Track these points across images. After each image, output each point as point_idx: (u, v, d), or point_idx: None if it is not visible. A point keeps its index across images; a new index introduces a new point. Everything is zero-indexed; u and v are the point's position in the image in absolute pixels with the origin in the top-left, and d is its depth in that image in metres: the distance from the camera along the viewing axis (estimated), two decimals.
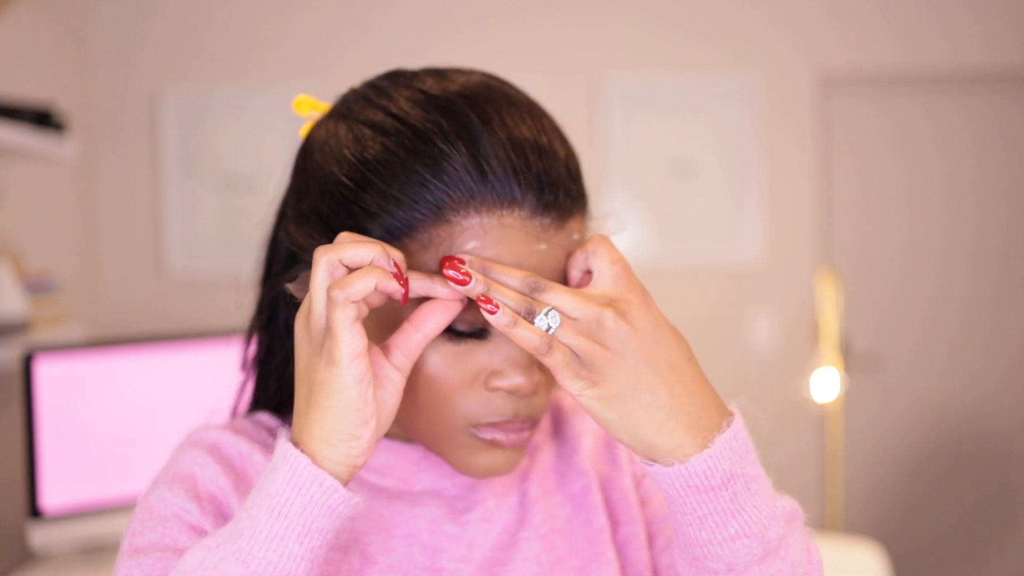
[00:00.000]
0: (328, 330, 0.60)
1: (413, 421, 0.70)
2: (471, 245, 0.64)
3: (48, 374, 1.88)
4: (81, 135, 2.80)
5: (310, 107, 0.76)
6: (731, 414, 0.63)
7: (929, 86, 3.25)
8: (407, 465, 0.75)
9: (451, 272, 0.62)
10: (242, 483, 0.72)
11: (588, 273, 0.66)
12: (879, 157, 3.28)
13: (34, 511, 1.86)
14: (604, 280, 0.64)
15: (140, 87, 3.06)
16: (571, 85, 3.11)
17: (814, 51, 3.18)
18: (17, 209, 2.43)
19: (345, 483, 0.60)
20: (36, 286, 2.27)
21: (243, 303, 0.80)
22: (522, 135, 0.66)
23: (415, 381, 0.68)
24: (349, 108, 0.71)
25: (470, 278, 0.62)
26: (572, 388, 0.62)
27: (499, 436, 0.69)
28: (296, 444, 0.60)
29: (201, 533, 0.68)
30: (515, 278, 0.63)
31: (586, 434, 0.83)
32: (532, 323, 0.62)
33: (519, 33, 3.12)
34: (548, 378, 0.71)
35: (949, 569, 3.29)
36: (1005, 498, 3.32)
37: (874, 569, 1.85)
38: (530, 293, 0.63)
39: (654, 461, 0.62)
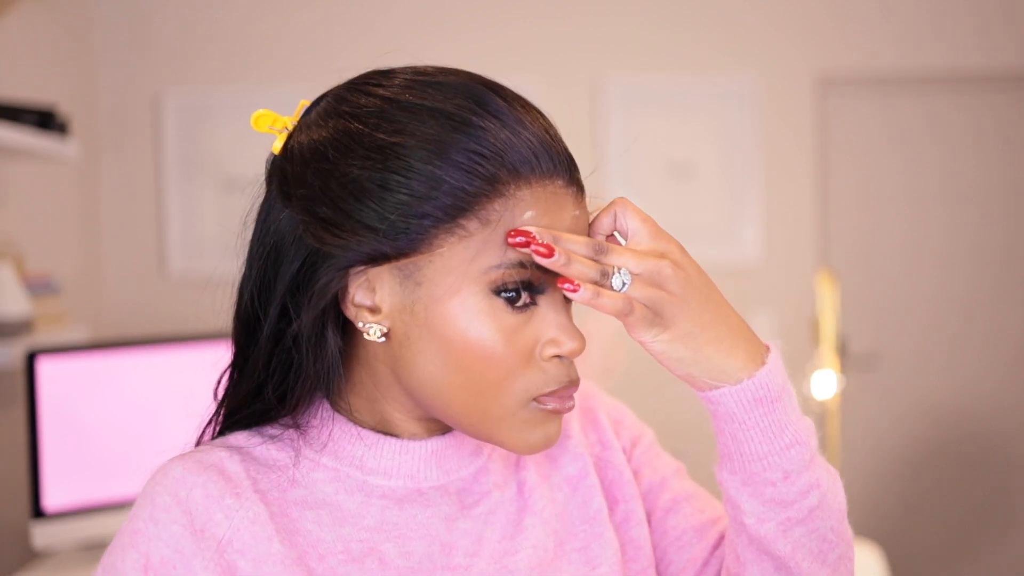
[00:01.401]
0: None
1: (467, 405, 0.70)
2: (528, 215, 0.67)
3: (50, 374, 1.89)
4: (83, 136, 2.81)
5: (270, 122, 0.74)
6: (764, 344, 0.72)
7: (927, 87, 3.26)
8: (415, 463, 0.75)
9: (535, 247, 0.65)
10: (204, 539, 0.69)
11: (610, 236, 0.72)
12: (877, 157, 3.29)
13: (37, 511, 1.87)
14: (642, 237, 0.70)
15: (142, 88, 3.07)
16: (571, 85, 3.12)
17: (813, 52, 3.19)
18: (19, 210, 2.43)
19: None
20: (38, 286, 2.28)
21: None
22: (535, 114, 0.71)
23: (474, 364, 0.68)
24: (353, 107, 0.70)
25: (554, 251, 0.65)
26: (646, 336, 0.68)
27: (558, 405, 0.71)
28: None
29: None
30: (581, 244, 0.67)
31: (572, 419, 0.85)
32: (609, 284, 0.67)
33: (519, 33, 3.13)
34: None
35: (947, 569, 3.30)
36: (1003, 498, 3.33)
37: (872, 569, 1.86)
38: (595, 256, 0.67)
39: (721, 384, 0.69)
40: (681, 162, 3.18)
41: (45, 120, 2.12)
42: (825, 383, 2.59)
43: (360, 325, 0.70)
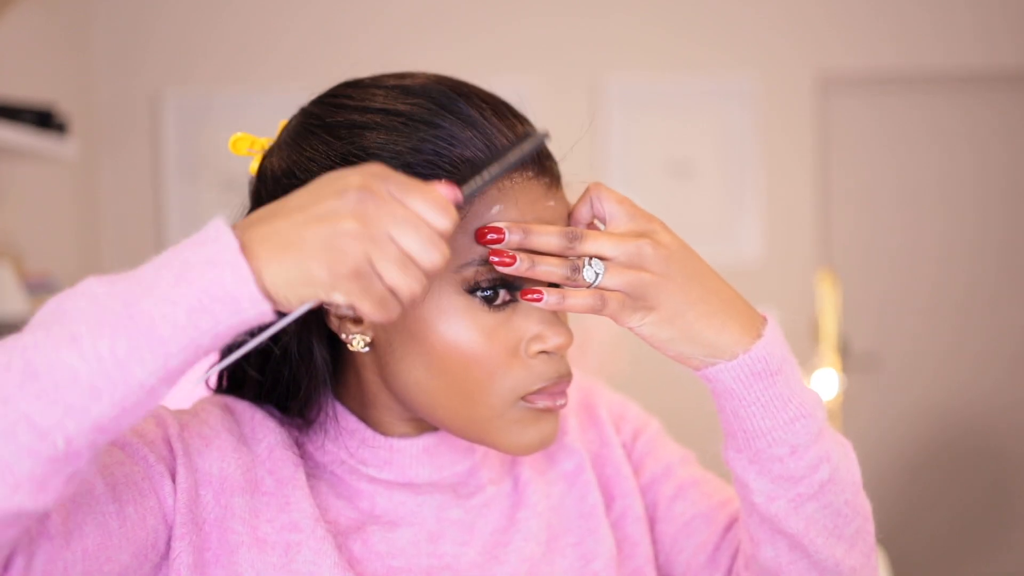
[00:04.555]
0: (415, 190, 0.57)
1: (454, 408, 0.70)
2: (495, 209, 0.67)
3: None
4: (82, 136, 2.80)
5: (248, 144, 0.75)
6: (761, 314, 0.71)
7: (926, 86, 3.26)
8: (405, 460, 0.75)
9: (495, 259, 0.65)
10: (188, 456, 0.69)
11: (591, 224, 0.71)
12: (877, 157, 3.28)
13: None
14: (620, 218, 0.68)
15: (141, 88, 3.07)
16: (571, 85, 3.12)
17: (813, 52, 3.19)
18: (18, 209, 2.43)
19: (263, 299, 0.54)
20: (37, 286, 2.28)
21: None
22: (503, 109, 0.70)
23: (456, 366, 0.68)
24: (321, 120, 0.71)
25: (515, 259, 0.64)
26: (631, 322, 0.66)
27: (548, 402, 0.70)
28: (235, 229, 0.56)
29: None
30: (553, 235, 0.66)
31: (570, 416, 0.85)
32: (582, 277, 0.65)
33: (519, 33, 3.13)
34: None
35: (948, 568, 3.29)
36: (1004, 497, 3.33)
37: None
38: (570, 243, 0.66)
39: (716, 360, 0.67)
40: (681, 161, 3.18)
41: (44, 119, 2.11)
42: (826, 383, 2.58)
43: (344, 336, 0.70)
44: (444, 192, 0.59)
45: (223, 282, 0.53)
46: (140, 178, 3.08)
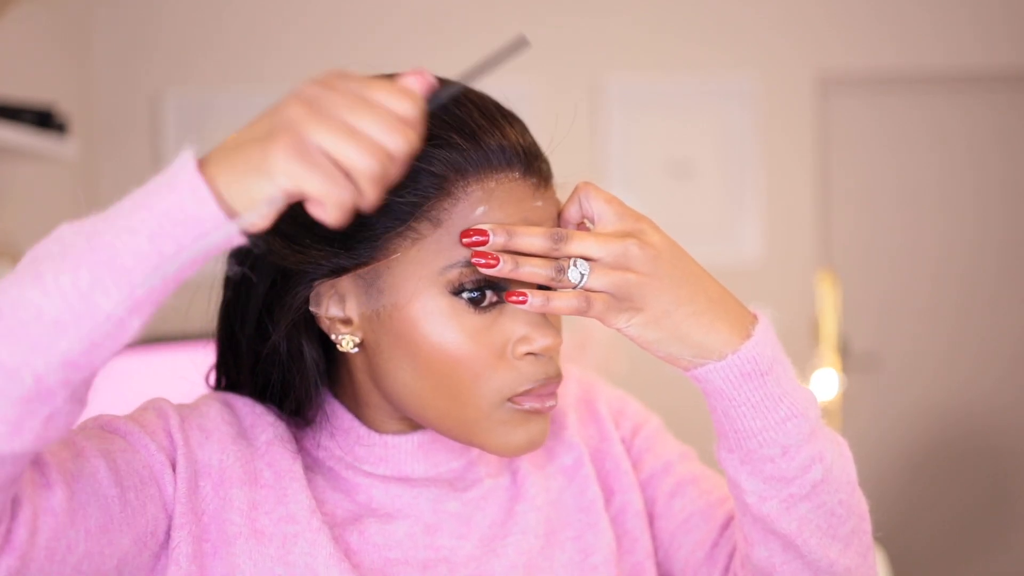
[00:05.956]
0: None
1: (441, 410, 0.70)
2: (480, 211, 0.66)
3: None
4: (82, 136, 2.80)
5: None
6: (752, 313, 0.70)
7: (926, 87, 3.26)
8: (400, 456, 0.75)
9: (479, 260, 0.64)
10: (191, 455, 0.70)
11: (581, 224, 0.70)
12: (877, 157, 3.28)
13: None
14: (608, 218, 0.67)
15: (142, 88, 3.07)
16: (571, 85, 3.12)
17: (813, 52, 3.19)
18: (18, 209, 2.43)
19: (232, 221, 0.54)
20: None
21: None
22: (492, 110, 0.70)
23: (442, 367, 0.68)
24: None
25: (498, 261, 0.64)
26: (618, 323, 0.66)
27: (536, 404, 0.70)
28: (202, 164, 0.55)
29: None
30: (538, 236, 0.66)
31: (569, 411, 0.85)
32: (567, 279, 0.65)
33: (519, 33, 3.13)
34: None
35: (948, 568, 3.29)
36: (1004, 497, 3.33)
37: None
38: (555, 244, 0.65)
39: (705, 361, 0.66)
40: (681, 162, 3.18)
41: (44, 119, 2.11)
42: (826, 383, 2.58)
43: (333, 337, 0.70)
44: (414, 81, 0.58)
45: (183, 204, 0.54)
46: (140, 178, 3.02)
